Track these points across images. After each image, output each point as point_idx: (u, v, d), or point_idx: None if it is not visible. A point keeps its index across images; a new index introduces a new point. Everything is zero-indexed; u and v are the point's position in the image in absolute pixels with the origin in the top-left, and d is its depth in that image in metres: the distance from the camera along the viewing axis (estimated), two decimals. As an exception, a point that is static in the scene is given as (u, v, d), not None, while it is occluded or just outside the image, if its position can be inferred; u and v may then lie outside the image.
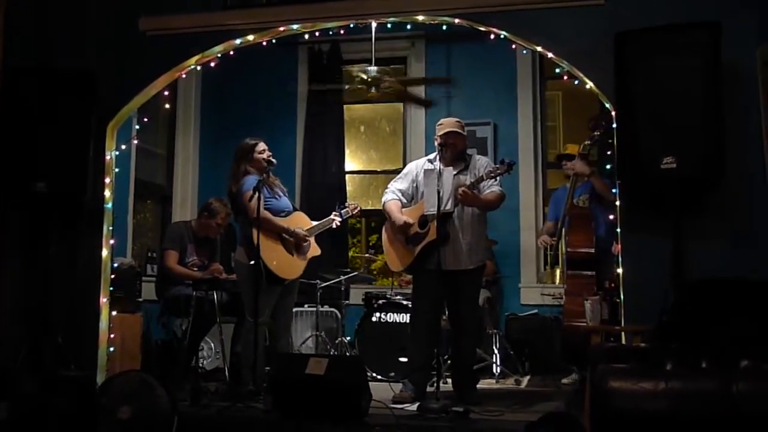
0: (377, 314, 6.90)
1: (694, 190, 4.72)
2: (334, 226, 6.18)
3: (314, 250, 5.97)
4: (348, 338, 7.12)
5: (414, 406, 5.15)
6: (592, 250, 5.94)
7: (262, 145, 5.80)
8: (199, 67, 6.06)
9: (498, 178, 5.53)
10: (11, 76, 5.37)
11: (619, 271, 4.97)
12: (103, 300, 5.63)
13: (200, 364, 6.54)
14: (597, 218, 6.13)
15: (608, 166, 5.60)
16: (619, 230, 5.00)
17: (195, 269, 6.55)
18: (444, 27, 5.92)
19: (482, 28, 5.46)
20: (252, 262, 5.38)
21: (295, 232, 5.76)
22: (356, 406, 4.60)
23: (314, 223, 6.03)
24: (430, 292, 5.52)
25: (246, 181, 5.61)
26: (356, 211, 6.45)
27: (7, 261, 5.52)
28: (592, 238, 5.97)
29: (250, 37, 5.73)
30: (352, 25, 6.04)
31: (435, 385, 5.11)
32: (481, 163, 5.73)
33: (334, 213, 6.20)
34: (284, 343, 5.92)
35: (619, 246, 5.00)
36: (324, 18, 5.70)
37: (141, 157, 8.02)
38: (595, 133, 6.18)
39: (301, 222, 5.92)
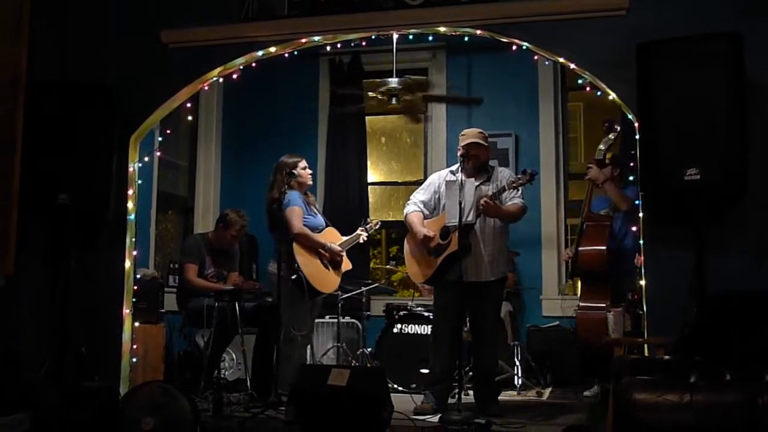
0: (398, 325, 6.88)
1: (717, 202, 4.65)
2: (361, 241, 6.36)
3: (346, 264, 6.16)
4: (369, 349, 7.11)
5: (435, 418, 5.15)
6: (603, 258, 5.89)
7: (304, 162, 6.04)
8: (221, 79, 6.09)
9: (520, 189, 5.52)
10: (35, 90, 5.41)
11: (642, 283, 4.94)
12: (126, 311, 5.66)
13: (222, 375, 6.55)
14: (621, 229, 6.08)
15: (631, 178, 5.56)
16: (641, 242, 4.98)
17: (214, 280, 6.58)
18: (465, 38, 5.91)
19: (504, 39, 5.46)
20: (294, 276, 5.67)
21: (331, 248, 5.96)
22: (378, 418, 4.58)
23: (344, 238, 6.22)
24: (452, 304, 5.49)
25: (290, 196, 5.77)
26: (377, 226, 6.62)
27: (30, 272, 5.53)
28: (605, 246, 5.93)
29: (272, 49, 5.75)
30: (373, 37, 6.06)
31: (456, 396, 5.09)
32: (504, 174, 5.71)
33: (360, 228, 6.37)
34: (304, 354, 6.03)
35: (642, 258, 4.98)
36: (345, 30, 5.71)
37: (163, 169, 8.05)
38: (610, 136, 6.13)
39: (333, 238, 6.12)
